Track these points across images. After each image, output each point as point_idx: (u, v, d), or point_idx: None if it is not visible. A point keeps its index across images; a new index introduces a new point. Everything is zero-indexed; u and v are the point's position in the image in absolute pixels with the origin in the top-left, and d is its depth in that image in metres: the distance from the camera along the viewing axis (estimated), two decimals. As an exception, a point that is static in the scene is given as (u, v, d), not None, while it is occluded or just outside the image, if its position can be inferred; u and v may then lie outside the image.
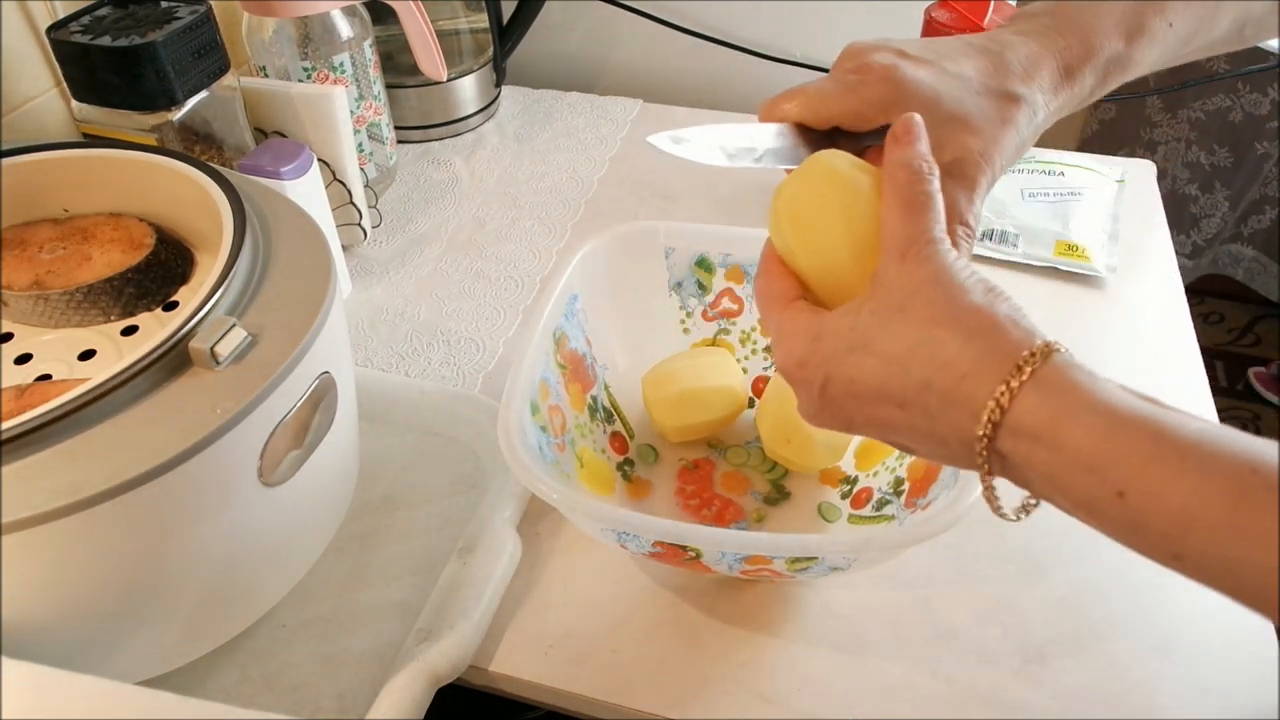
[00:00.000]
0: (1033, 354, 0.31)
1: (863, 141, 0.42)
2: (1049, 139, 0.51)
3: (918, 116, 0.38)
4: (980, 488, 0.34)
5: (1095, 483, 0.29)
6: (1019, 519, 0.35)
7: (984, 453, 0.32)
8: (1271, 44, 1.43)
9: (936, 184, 0.36)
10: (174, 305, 0.48)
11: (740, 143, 0.41)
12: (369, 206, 0.76)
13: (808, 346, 0.36)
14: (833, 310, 0.37)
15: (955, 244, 0.37)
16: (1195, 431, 0.28)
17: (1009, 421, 0.31)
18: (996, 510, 0.34)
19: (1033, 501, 0.34)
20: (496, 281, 0.75)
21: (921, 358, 0.33)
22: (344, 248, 0.75)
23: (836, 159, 0.39)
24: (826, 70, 1.04)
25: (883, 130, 0.40)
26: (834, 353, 0.35)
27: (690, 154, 0.40)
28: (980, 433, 0.31)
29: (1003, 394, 0.30)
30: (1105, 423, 0.29)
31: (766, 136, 0.41)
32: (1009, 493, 0.34)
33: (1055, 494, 0.31)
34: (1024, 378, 0.30)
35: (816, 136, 0.42)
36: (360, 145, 0.80)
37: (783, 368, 0.38)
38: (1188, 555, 0.28)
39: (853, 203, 0.38)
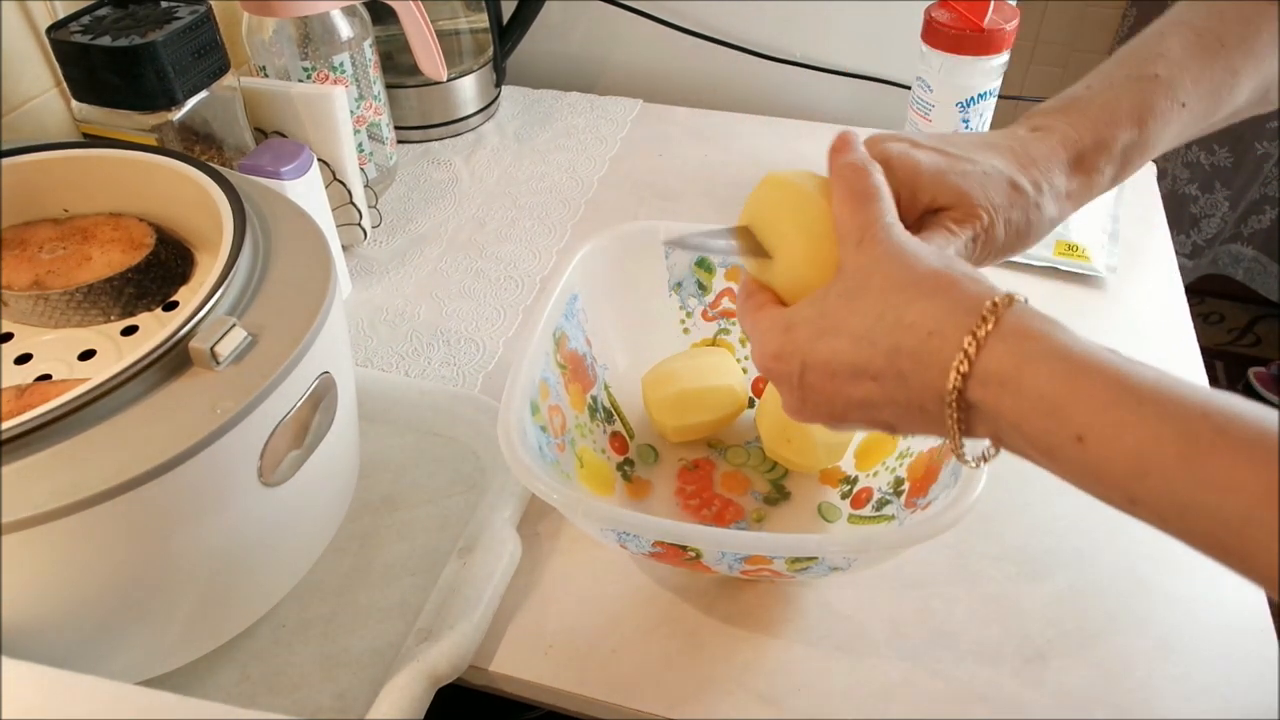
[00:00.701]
0: (995, 304, 0.32)
1: None
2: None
3: (852, 130, 0.41)
4: (980, 486, 0.35)
5: (1057, 427, 0.30)
6: (978, 466, 0.37)
7: (954, 404, 0.33)
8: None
9: (881, 178, 0.38)
10: (174, 305, 0.48)
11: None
12: (369, 206, 0.76)
13: (780, 339, 0.38)
14: (799, 304, 0.38)
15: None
16: (1151, 379, 0.29)
17: (977, 371, 0.32)
18: (962, 460, 0.36)
19: (992, 451, 0.36)
20: (496, 281, 0.75)
21: (887, 325, 0.34)
22: (344, 248, 0.75)
23: (787, 173, 0.42)
24: (826, 70, 1.04)
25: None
26: (806, 340, 0.37)
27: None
28: (951, 385, 0.32)
29: (970, 344, 0.32)
30: (1066, 368, 0.30)
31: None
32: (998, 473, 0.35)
33: (1021, 441, 0.32)
34: (989, 327, 0.31)
35: None
36: (360, 145, 0.80)
37: (761, 365, 0.39)
38: (1142, 499, 0.29)
39: (803, 205, 0.40)
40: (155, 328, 0.47)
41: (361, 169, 0.75)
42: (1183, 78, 0.42)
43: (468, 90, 0.92)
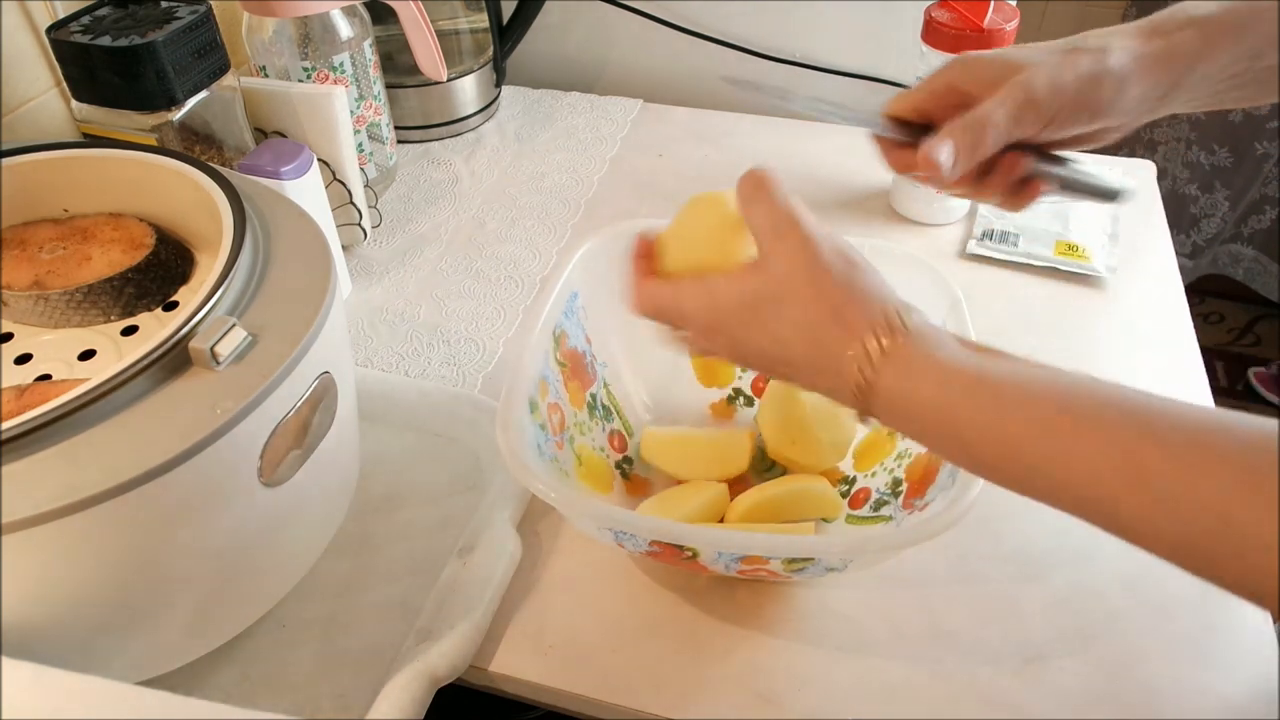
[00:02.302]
0: (884, 327, 0.36)
1: None
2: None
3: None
4: (978, 487, 0.37)
5: (944, 437, 0.35)
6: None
7: (862, 411, 0.38)
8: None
9: (772, 176, 0.41)
10: (174, 305, 0.48)
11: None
12: (369, 206, 0.76)
13: (708, 315, 0.41)
14: (718, 277, 0.41)
15: (937, 139, 0.42)
16: (1018, 379, 0.33)
17: (875, 398, 0.36)
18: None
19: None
20: (496, 281, 0.75)
21: (802, 339, 0.38)
22: (344, 248, 0.75)
23: (702, 197, 0.46)
24: (826, 70, 1.04)
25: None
26: (735, 324, 0.40)
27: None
28: (854, 398, 0.37)
29: (863, 366, 0.36)
30: (941, 387, 0.34)
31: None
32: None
33: (922, 442, 0.37)
34: (876, 352, 0.36)
35: (913, 130, 0.46)
36: (360, 145, 0.80)
37: (696, 336, 0.43)
38: (1023, 486, 0.33)
39: (705, 215, 0.45)
40: (155, 328, 0.47)
41: (361, 169, 0.75)
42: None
43: (468, 90, 0.92)
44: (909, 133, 0.46)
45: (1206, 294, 1.91)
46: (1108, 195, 0.46)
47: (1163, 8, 0.45)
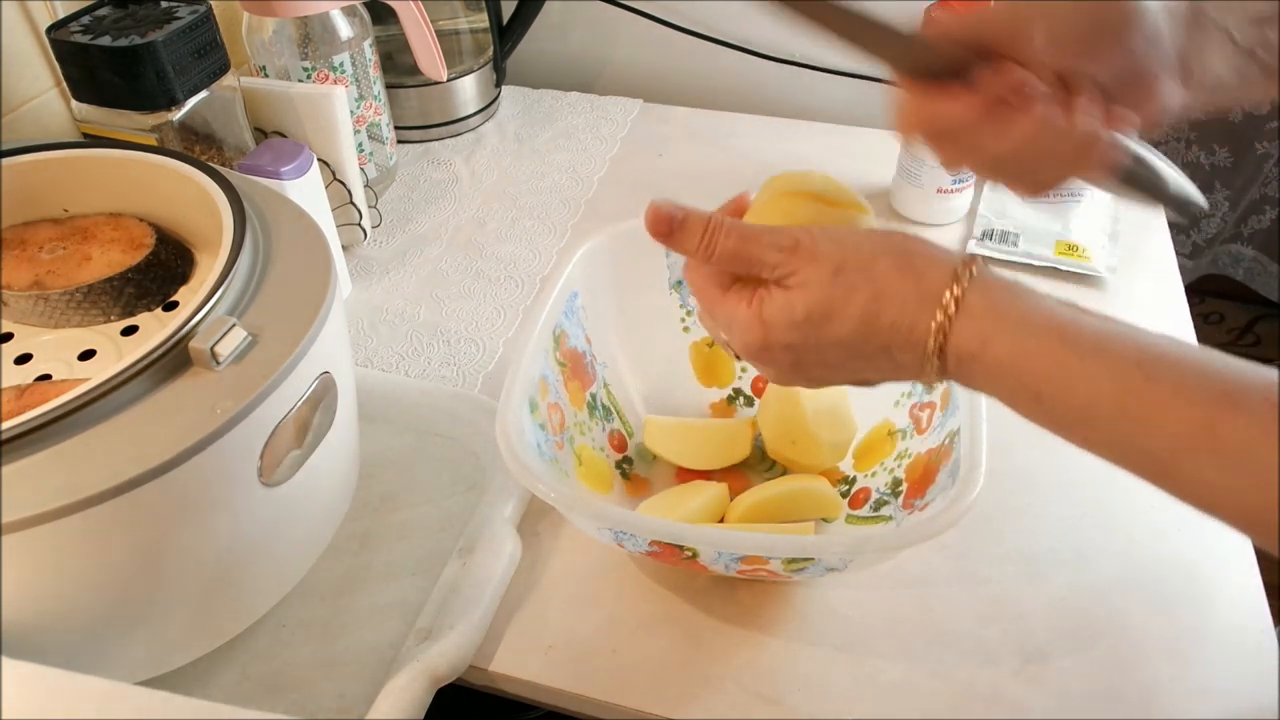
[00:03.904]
0: (955, 278, 0.35)
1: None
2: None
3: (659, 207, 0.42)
4: (977, 488, 0.37)
5: (1019, 388, 0.34)
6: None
7: (936, 373, 0.36)
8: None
9: (726, 229, 0.39)
10: (174, 305, 0.48)
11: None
12: (369, 206, 0.76)
13: (762, 335, 0.38)
14: (767, 302, 0.38)
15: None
16: (1092, 335, 0.32)
17: (950, 350, 0.35)
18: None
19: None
20: (496, 281, 0.75)
21: (871, 329, 0.36)
22: (344, 248, 0.75)
23: (782, 181, 0.43)
24: (826, 70, 1.04)
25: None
26: (791, 343, 0.38)
27: None
28: (931, 363, 0.36)
29: (938, 328, 0.35)
30: (1019, 336, 0.33)
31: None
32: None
33: (1000, 400, 0.36)
34: (952, 311, 0.35)
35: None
36: (360, 145, 0.80)
37: (744, 354, 0.40)
38: (1094, 441, 0.33)
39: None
40: (155, 328, 0.47)
41: (361, 169, 0.75)
42: None
43: (468, 90, 0.92)
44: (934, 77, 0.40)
45: (1206, 294, 1.91)
46: (1177, 202, 0.41)
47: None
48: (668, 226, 0.41)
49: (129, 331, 0.47)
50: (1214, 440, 0.29)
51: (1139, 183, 0.40)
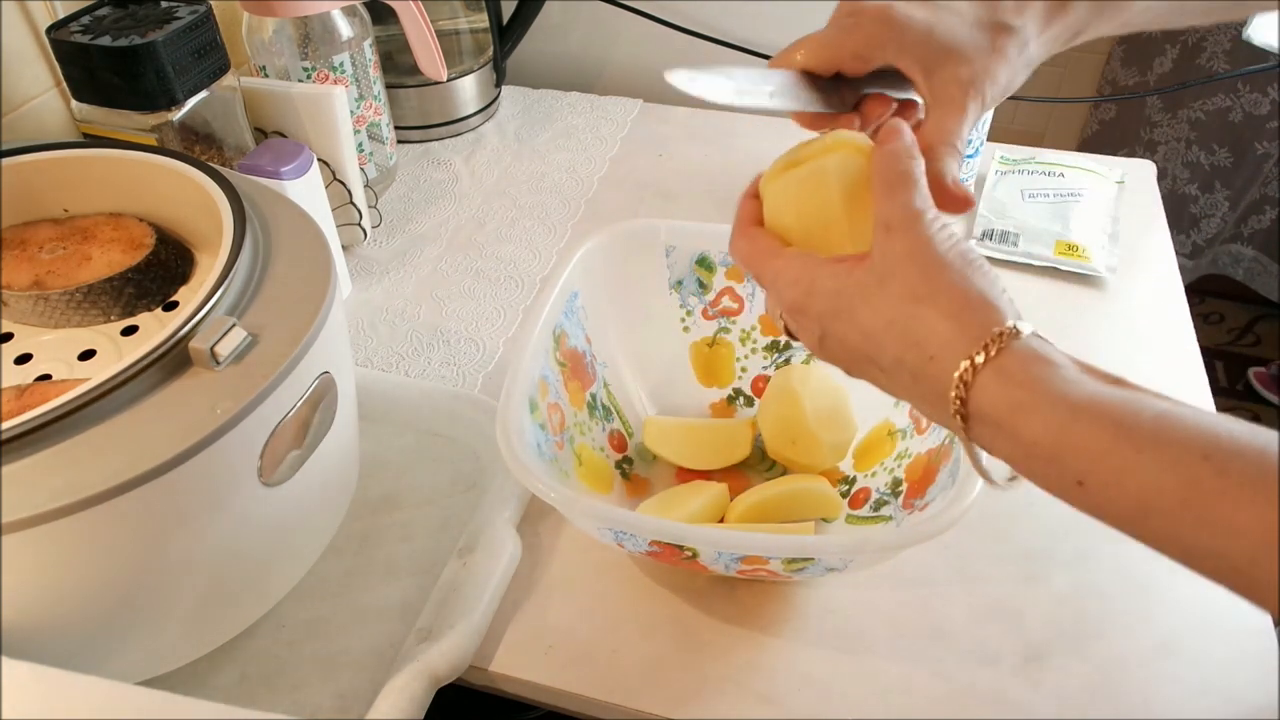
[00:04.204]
0: (995, 338, 0.32)
1: (863, 87, 0.43)
2: (1050, 140, 0.51)
3: (900, 122, 0.39)
4: (977, 488, 0.35)
5: (1056, 472, 0.31)
6: (1004, 488, 0.36)
7: (962, 429, 0.33)
8: (1271, 44, 1.43)
9: (918, 165, 0.37)
10: (174, 305, 0.48)
11: (751, 84, 0.42)
12: (369, 206, 0.76)
13: (801, 299, 0.38)
14: (824, 260, 0.38)
15: (942, 167, 0.38)
16: (1152, 418, 0.29)
17: (973, 409, 0.32)
18: (987, 479, 0.36)
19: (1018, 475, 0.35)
20: (496, 281, 0.75)
21: (895, 335, 0.34)
22: (344, 248, 0.75)
23: (840, 149, 0.40)
24: (826, 70, 1.03)
25: (882, 75, 0.42)
26: (824, 312, 0.37)
27: (704, 89, 0.41)
28: (952, 410, 0.33)
29: (965, 373, 0.32)
30: (1063, 416, 0.30)
31: (776, 79, 0.43)
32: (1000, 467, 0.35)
33: (1027, 477, 0.33)
34: (981, 361, 0.32)
35: (823, 84, 0.43)
36: (360, 145, 0.80)
37: (783, 309, 0.40)
38: (1148, 537, 0.29)
39: (852, 188, 0.39)
40: (155, 328, 0.47)
41: (361, 169, 0.75)
42: None
43: (468, 90, 0.92)
44: (819, 86, 0.43)
45: (1206, 294, 1.91)
46: None
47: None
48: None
49: (129, 331, 0.47)
50: None
51: None
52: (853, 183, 0.39)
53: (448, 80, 0.87)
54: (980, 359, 0.31)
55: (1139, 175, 0.85)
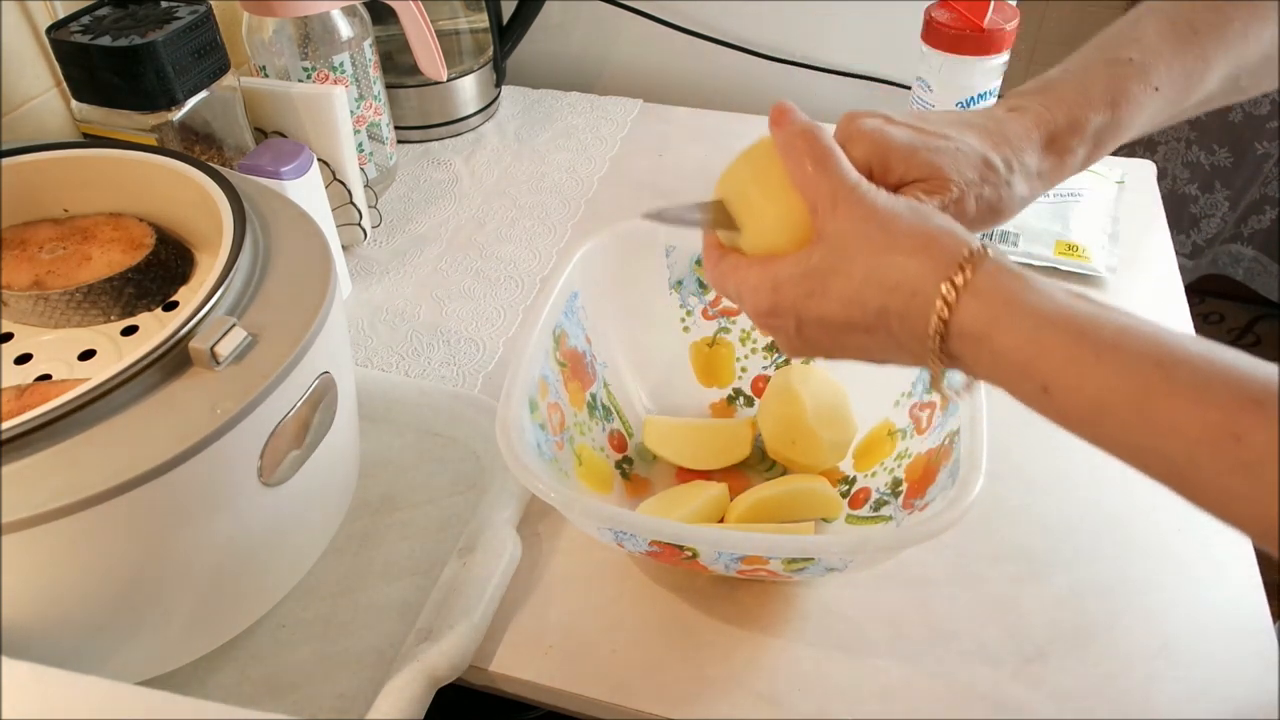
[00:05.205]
0: (968, 257, 0.34)
1: None
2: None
3: (788, 103, 0.41)
4: (977, 488, 0.35)
5: (1025, 379, 0.33)
6: (960, 396, 0.38)
7: (937, 351, 0.35)
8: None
9: (829, 138, 0.39)
10: (174, 305, 0.48)
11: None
12: (369, 206, 0.76)
13: (770, 298, 0.39)
14: (780, 259, 0.39)
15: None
16: (1113, 329, 0.31)
17: (954, 328, 0.34)
18: (944, 393, 0.38)
19: (970, 383, 0.37)
20: (496, 281, 0.75)
21: (873, 287, 0.36)
22: (344, 248, 0.75)
23: (754, 145, 0.42)
24: (826, 70, 1.04)
25: None
26: (797, 299, 0.38)
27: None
28: (933, 336, 0.35)
29: (945, 299, 0.34)
30: (1031, 325, 0.32)
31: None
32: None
33: (1000, 386, 0.35)
34: (960, 283, 0.34)
35: None
36: (360, 145, 0.80)
37: (755, 320, 0.41)
38: (1103, 440, 0.32)
39: (767, 174, 0.41)
40: (155, 328, 0.47)
41: (361, 169, 0.75)
42: (1156, 63, 0.43)
43: (468, 90, 0.92)
44: None
45: (1206, 294, 1.91)
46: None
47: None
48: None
49: (129, 331, 0.47)
50: (1236, 446, 0.28)
51: None
52: (763, 169, 0.41)
53: (448, 80, 0.87)
54: (960, 280, 0.34)
55: (1139, 175, 0.85)
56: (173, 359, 0.38)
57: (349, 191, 0.72)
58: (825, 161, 0.38)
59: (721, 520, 0.55)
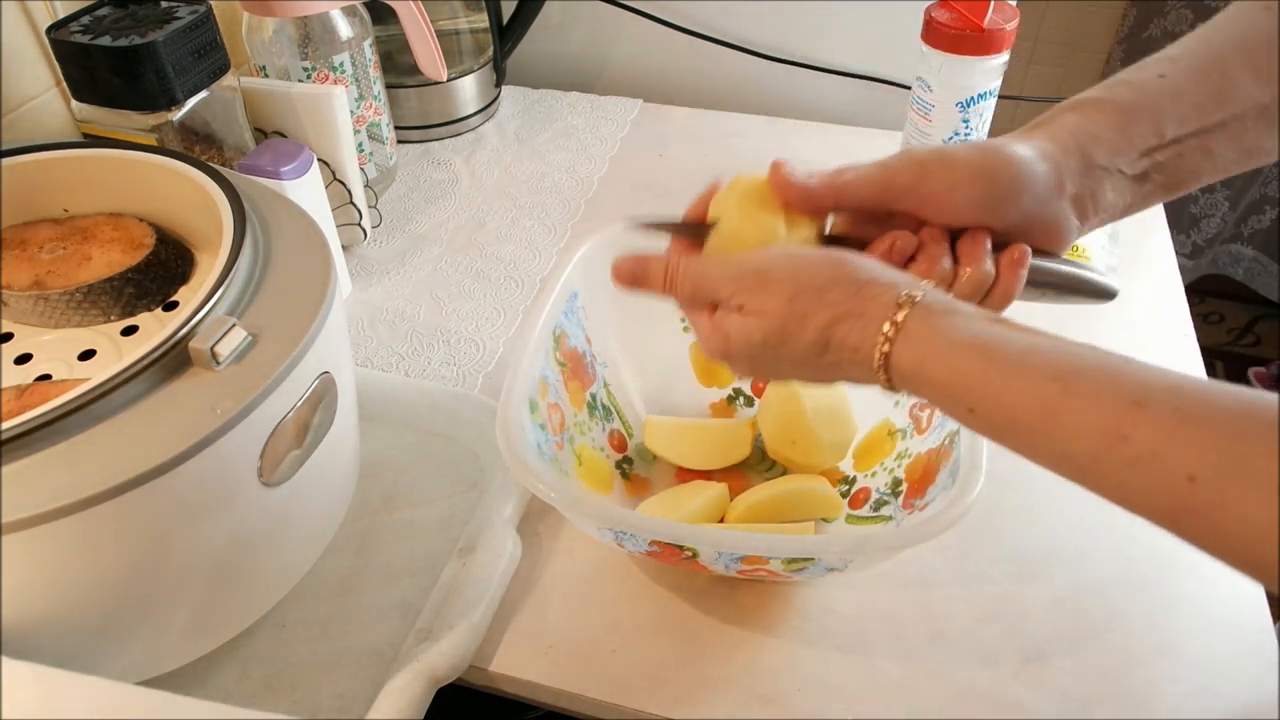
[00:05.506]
0: (898, 310, 0.37)
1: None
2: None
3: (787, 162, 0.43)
4: (977, 488, 0.39)
5: (955, 405, 0.36)
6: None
7: (886, 386, 0.39)
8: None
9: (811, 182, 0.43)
10: (174, 305, 0.48)
11: None
12: (369, 206, 0.76)
13: (723, 345, 0.42)
14: (729, 313, 0.41)
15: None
16: (1017, 350, 0.35)
17: (893, 370, 0.38)
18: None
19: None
20: (496, 281, 0.75)
21: (822, 362, 0.39)
22: (344, 248, 0.75)
23: (746, 184, 0.44)
24: (826, 70, 1.04)
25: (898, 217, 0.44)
26: (755, 356, 0.41)
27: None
28: (880, 378, 0.38)
29: (882, 349, 0.37)
30: (950, 358, 0.36)
31: None
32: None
33: (941, 410, 0.38)
34: (892, 335, 0.37)
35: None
36: (360, 145, 0.80)
37: (709, 356, 0.43)
38: (1024, 451, 0.35)
39: (748, 195, 0.43)
40: (155, 328, 0.47)
41: (361, 169, 0.75)
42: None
43: (468, 90, 0.92)
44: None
45: (1206, 294, 1.91)
46: (1097, 292, 0.45)
47: (1164, 8, 0.45)
48: (631, 279, 0.45)
49: (129, 331, 0.47)
50: (1125, 444, 0.31)
51: (1049, 291, 0.44)
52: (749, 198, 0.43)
53: (448, 80, 0.87)
54: (890, 339, 0.37)
55: (1139, 175, 0.85)
56: (173, 359, 0.38)
57: (349, 191, 0.72)
58: (699, 296, 0.42)
59: (721, 520, 0.55)
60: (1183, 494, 0.30)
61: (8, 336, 0.47)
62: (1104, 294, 0.45)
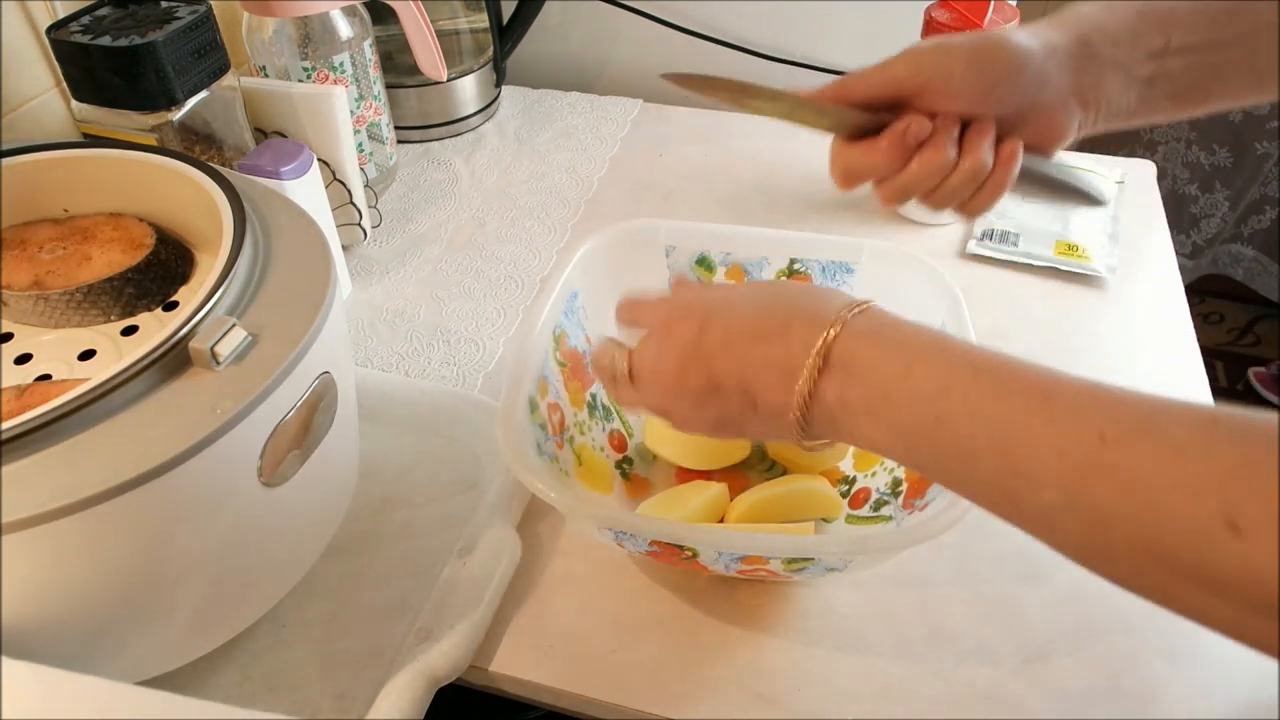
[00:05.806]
0: (817, 353, 0.37)
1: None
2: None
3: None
4: None
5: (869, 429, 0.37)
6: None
7: (799, 423, 0.39)
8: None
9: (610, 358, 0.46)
10: (174, 305, 0.48)
11: None
12: (369, 206, 0.76)
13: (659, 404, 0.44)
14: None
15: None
16: (923, 344, 0.36)
17: (815, 420, 0.38)
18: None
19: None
20: (496, 281, 0.75)
21: (738, 410, 0.41)
22: (344, 248, 0.75)
23: None
24: (826, 70, 1.04)
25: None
26: (681, 399, 0.42)
27: None
28: (795, 416, 0.39)
29: (803, 391, 0.38)
30: (868, 383, 0.37)
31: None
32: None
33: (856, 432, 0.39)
34: (815, 375, 0.38)
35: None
36: (360, 145, 0.80)
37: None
38: (928, 470, 0.37)
39: None
40: (155, 328, 0.47)
41: (361, 169, 0.75)
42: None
43: (468, 90, 0.92)
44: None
45: (1206, 294, 1.91)
46: (1086, 198, 0.46)
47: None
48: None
49: (129, 331, 0.47)
50: (1027, 433, 0.33)
51: (1042, 191, 0.45)
52: None
53: (448, 80, 0.87)
54: (806, 383, 0.37)
55: (1139, 175, 0.85)
56: (173, 359, 0.38)
57: (349, 191, 0.72)
58: (639, 306, 0.46)
59: (721, 520, 0.55)
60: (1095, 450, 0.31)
61: (8, 336, 0.47)
62: (1093, 200, 0.46)
